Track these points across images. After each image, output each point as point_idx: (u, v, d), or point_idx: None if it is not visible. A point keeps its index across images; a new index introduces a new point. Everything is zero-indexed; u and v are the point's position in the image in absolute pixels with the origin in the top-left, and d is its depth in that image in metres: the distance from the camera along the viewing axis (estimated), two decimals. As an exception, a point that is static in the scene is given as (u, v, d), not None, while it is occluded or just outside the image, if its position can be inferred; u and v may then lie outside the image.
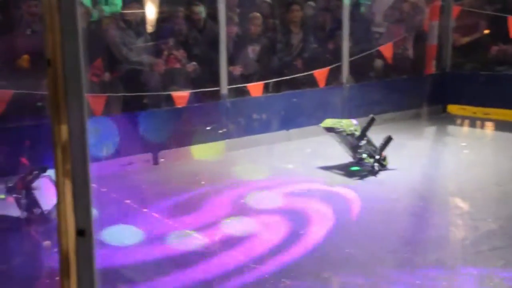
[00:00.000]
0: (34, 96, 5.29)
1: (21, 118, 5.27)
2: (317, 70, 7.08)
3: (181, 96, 6.36)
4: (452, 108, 8.18)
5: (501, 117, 7.57)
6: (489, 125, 7.40)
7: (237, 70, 7.07)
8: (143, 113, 6.13)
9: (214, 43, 6.57)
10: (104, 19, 6.82)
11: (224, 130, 6.54)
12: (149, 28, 6.79)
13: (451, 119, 7.89)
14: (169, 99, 6.37)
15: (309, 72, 7.08)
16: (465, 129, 7.59)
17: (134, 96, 6.20)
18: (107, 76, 6.24)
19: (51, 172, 4.18)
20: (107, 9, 7.02)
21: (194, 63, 6.82)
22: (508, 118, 7.49)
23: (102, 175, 5.33)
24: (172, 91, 6.43)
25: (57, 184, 1.54)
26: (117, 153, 5.72)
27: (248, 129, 6.71)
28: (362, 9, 8.58)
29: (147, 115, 6.15)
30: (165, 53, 6.74)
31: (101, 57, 6.21)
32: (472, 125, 7.61)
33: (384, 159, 5.46)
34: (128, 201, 4.84)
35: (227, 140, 6.56)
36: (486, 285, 3.16)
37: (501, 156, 5.88)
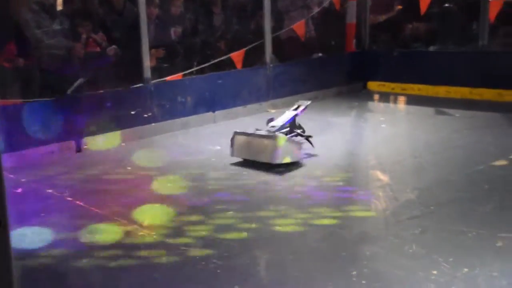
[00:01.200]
0: None
1: None
2: (234, 53, 7.07)
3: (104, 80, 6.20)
4: (372, 85, 8.48)
5: (417, 92, 7.94)
6: (407, 100, 7.75)
7: (160, 52, 6.96)
8: (63, 99, 5.92)
9: (134, 26, 6.42)
10: (14, 1, 6.47)
11: (149, 114, 6.45)
12: (65, 11, 6.54)
13: (371, 95, 8.20)
14: (92, 84, 6.19)
15: (230, 54, 7.08)
16: (384, 104, 7.91)
17: (52, 81, 5.95)
18: (20, 61, 5.95)
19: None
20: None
21: (114, 46, 6.64)
22: (424, 93, 7.87)
23: (21, 165, 5.13)
24: (92, 75, 6.25)
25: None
26: (37, 142, 5.50)
27: (174, 112, 6.65)
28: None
29: (67, 100, 5.95)
30: (84, 36, 6.53)
31: (12, 41, 5.90)
32: (391, 100, 7.94)
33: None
34: (50, 190, 4.69)
35: (153, 124, 6.48)
36: (406, 252, 3.34)
37: (417, 130, 6.18)
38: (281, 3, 8.29)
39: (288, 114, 5.43)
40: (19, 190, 4.63)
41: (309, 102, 5.65)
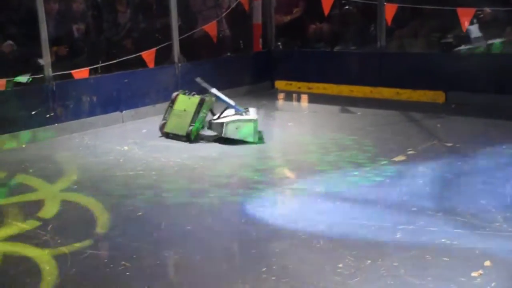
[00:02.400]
0: None
1: None
2: (145, 52, 6.96)
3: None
4: (280, 84, 8.66)
5: (323, 91, 8.21)
6: (312, 98, 7.99)
7: (62, 50, 6.69)
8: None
9: (33, 22, 6.11)
10: None
11: (52, 114, 6.19)
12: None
13: (279, 94, 8.37)
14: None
15: (138, 54, 6.95)
16: (291, 103, 8.10)
17: None
18: None
19: None
20: None
21: (10, 42, 6.30)
22: (329, 92, 8.15)
23: None
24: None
25: None
26: None
27: (78, 112, 6.42)
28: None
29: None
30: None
31: None
32: (297, 99, 8.15)
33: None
34: None
35: (56, 125, 6.23)
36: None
37: (323, 127, 6.39)
38: (193, 2, 8.24)
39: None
40: None
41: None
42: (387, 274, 3.07)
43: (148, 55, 7.00)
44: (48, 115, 6.14)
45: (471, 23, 7.15)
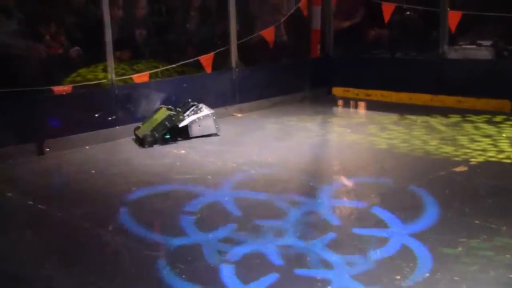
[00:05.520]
0: None
1: None
2: (202, 56, 7.05)
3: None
4: (337, 90, 8.58)
5: (381, 98, 8.07)
6: (370, 106, 7.86)
7: (125, 54, 6.88)
8: (24, 100, 5.77)
9: (98, 27, 6.32)
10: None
11: (113, 117, 6.36)
12: (23, 10, 6.38)
13: (336, 101, 8.28)
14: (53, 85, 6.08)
15: (196, 58, 7.04)
16: (349, 110, 8.00)
17: (11, 81, 5.80)
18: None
19: None
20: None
21: (77, 47, 6.53)
22: (388, 99, 8.00)
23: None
24: (54, 76, 6.15)
25: None
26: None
27: (138, 116, 6.56)
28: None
29: (29, 102, 5.80)
30: (47, 37, 6.39)
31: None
32: (355, 106, 8.04)
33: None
34: (9, 194, 4.58)
35: (117, 127, 6.39)
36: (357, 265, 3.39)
37: (380, 135, 6.27)
38: (251, 8, 8.29)
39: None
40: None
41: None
42: (448, 288, 2.97)
43: (206, 60, 7.08)
44: (110, 118, 6.31)
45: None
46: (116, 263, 3.43)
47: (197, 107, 6.39)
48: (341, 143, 6.07)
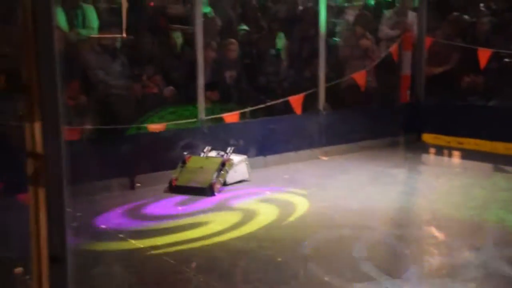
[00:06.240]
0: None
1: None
2: (292, 97, 7.11)
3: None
4: (427, 137, 8.29)
5: (474, 147, 7.70)
6: (463, 154, 7.52)
7: (215, 95, 7.08)
8: (120, 137, 6.06)
9: (191, 68, 6.58)
10: (79, 42, 6.78)
11: (201, 155, 6.50)
12: (126, 52, 6.79)
13: (426, 148, 7.99)
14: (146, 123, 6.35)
15: (289, 98, 7.10)
16: (439, 158, 7.69)
17: (110, 119, 6.14)
18: (83, 99, 6.18)
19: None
20: (83, 32, 6.98)
21: (171, 87, 6.82)
22: (481, 148, 7.62)
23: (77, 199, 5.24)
24: (149, 115, 6.43)
25: (32, 210, 1.49)
26: (92, 177, 5.62)
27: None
28: (335, 40, 8.70)
29: (123, 138, 6.09)
30: (144, 78, 6.73)
31: (77, 80, 6.16)
32: (446, 154, 7.72)
33: None
34: (103, 226, 4.76)
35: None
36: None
37: (473, 185, 5.96)
38: (341, 51, 8.31)
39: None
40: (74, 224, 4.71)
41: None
42: None
43: (296, 101, 7.11)
44: (228, 151, 6.45)
45: None
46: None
47: (226, 154, 6.16)
48: (431, 192, 5.81)
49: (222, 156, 6.12)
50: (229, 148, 6.22)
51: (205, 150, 6.26)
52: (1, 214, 4.74)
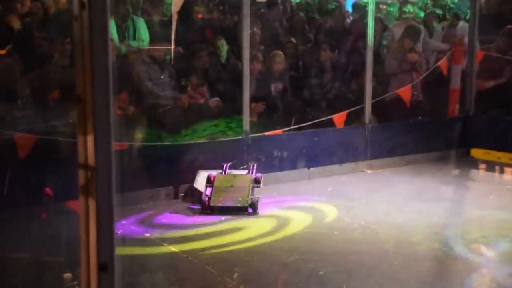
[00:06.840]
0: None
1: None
2: (336, 115, 7.03)
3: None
4: (476, 152, 8.07)
5: (526, 163, 7.45)
6: (514, 171, 7.28)
7: (260, 107, 7.12)
8: (165, 146, 6.17)
9: (237, 80, 6.65)
10: (130, 54, 6.97)
11: (245, 166, 6.54)
12: (174, 63, 6.92)
13: (475, 163, 7.77)
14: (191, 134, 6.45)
15: (330, 116, 7.05)
16: (490, 174, 7.47)
17: (156, 129, 6.27)
18: (131, 109, 6.34)
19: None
20: (134, 44, 7.18)
21: (217, 98, 6.90)
22: (534, 165, 7.36)
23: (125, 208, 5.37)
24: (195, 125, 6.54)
25: (81, 219, 1.55)
26: (139, 186, 5.74)
27: (269, 166, 6.68)
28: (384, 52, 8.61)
29: (168, 148, 6.19)
30: (189, 89, 6.85)
31: (126, 90, 6.32)
32: (497, 170, 7.49)
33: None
34: (147, 234, 4.86)
35: (247, 177, 6.55)
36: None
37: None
38: (388, 65, 8.22)
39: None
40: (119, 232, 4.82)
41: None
42: None
43: (339, 118, 7.06)
44: (241, 167, 6.50)
45: None
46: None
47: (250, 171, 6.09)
48: (480, 209, 5.65)
49: (248, 172, 6.06)
50: (251, 165, 6.15)
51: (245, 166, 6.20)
52: (51, 219, 4.90)
